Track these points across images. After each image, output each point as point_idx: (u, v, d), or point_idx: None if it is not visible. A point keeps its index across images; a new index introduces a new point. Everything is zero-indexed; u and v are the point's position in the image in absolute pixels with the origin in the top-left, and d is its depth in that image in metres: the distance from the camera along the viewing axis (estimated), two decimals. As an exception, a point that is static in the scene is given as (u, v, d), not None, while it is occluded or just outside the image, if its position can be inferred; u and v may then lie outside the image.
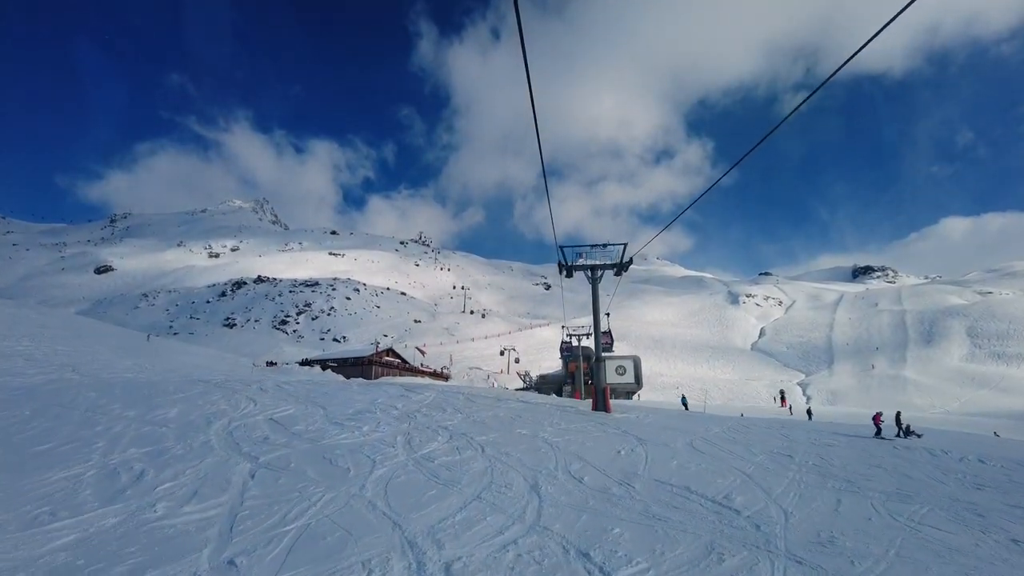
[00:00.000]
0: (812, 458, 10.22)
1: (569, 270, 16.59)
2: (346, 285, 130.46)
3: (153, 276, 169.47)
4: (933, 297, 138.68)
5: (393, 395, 14.83)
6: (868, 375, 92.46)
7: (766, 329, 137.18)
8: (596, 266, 16.27)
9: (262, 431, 9.15)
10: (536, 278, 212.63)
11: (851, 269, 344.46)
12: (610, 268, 16.38)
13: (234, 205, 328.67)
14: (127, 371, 21.86)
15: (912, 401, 78.54)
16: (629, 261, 15.90)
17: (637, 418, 13.60)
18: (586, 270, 16.57)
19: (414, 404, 13.34)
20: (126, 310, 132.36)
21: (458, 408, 13.08)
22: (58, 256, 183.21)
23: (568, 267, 16.58)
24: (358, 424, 10.22)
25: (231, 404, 11.63)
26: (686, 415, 16.54)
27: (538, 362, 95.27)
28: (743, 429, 12.85)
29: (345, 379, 38.98)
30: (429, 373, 46.40)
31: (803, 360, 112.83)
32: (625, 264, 16.03)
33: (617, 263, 16.18)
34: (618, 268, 16.19)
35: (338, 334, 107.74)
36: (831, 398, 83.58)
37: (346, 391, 15.24)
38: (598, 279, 16.48)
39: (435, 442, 8.94)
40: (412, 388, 17.08)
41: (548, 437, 9.95)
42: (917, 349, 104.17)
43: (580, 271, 16.70)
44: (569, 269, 16.55)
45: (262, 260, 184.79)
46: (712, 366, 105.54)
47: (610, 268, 16.38)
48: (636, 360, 61.44)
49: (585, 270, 16.65)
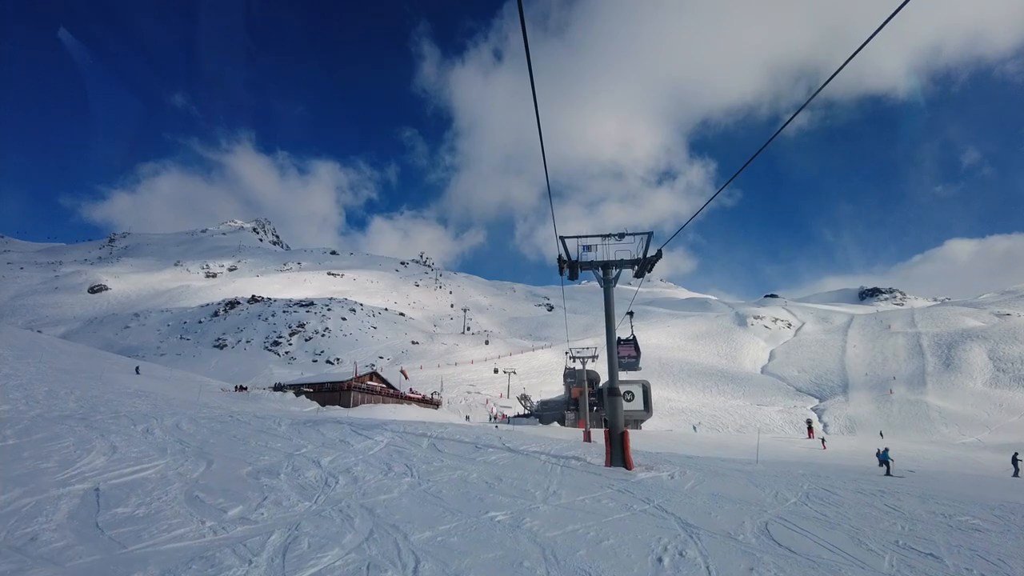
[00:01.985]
0: (970, 559, 6.25)
1: (573, 268, 12.47)
2: (342, 305, 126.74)
3: (147, 296, 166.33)
4: (949, 319, 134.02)
5: (331, 439, 10.95)
6: (887, 401, 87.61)
7: (776, 352, 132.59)
8: (611, 264, 12.32)
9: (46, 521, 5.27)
10: (538, 299, 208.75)
11: (858, 291, 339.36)
12: (628, 266, 12.30)
13: (235, 225, 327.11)
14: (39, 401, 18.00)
15: (938, 429, 73.67)
16: (655, 256, 11.80)
17: (671, 477, 9.62)
18: (596, 268, 12.50)
19: (350, 457, 9.44)
20: (116, 330, 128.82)
21: (412, 464, 9.17)
22: (52, 275, 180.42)
23: (571, 264, 12.45)
24: (229, 502, 6.31)
25: (78, 451, 7.81)
26: (736, 469, 12.36)
27: (539, 386, 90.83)
28: (826, 495, 8.84)
29: (320, 406, 35.15)
30: (417, 400, 42.38)
31: (816, 384, 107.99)
32: (650, 260, 11.93)
33: (639, 259, 12.14)
34: (640, 266, 12.09)
35: (331, 356, 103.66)
36: (849, 425, 78.78)
37: (268, 433, 11.30)
38: (612, 280, 12.32)
39: (332, 549, 5.00)
40: (365, 428, 13.14)
41: (539, 529, 5.98)
42: (937, 373, 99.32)
43: (588, 269, 12.58)
44: (572, 267, 12.46)
45: (259, 280, 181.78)
46: (721, 390, 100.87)
47: (628, 266, 12.30)
48: (645, 385, 56.84)
49: (595, 268, 12.51)
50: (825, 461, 21.72)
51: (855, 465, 20.92)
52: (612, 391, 11.58)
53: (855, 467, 18.75)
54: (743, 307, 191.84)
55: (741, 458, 14.80)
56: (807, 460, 22.28)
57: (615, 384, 11.75)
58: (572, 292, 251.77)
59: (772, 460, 18.49)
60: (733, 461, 12.89)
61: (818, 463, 18.76)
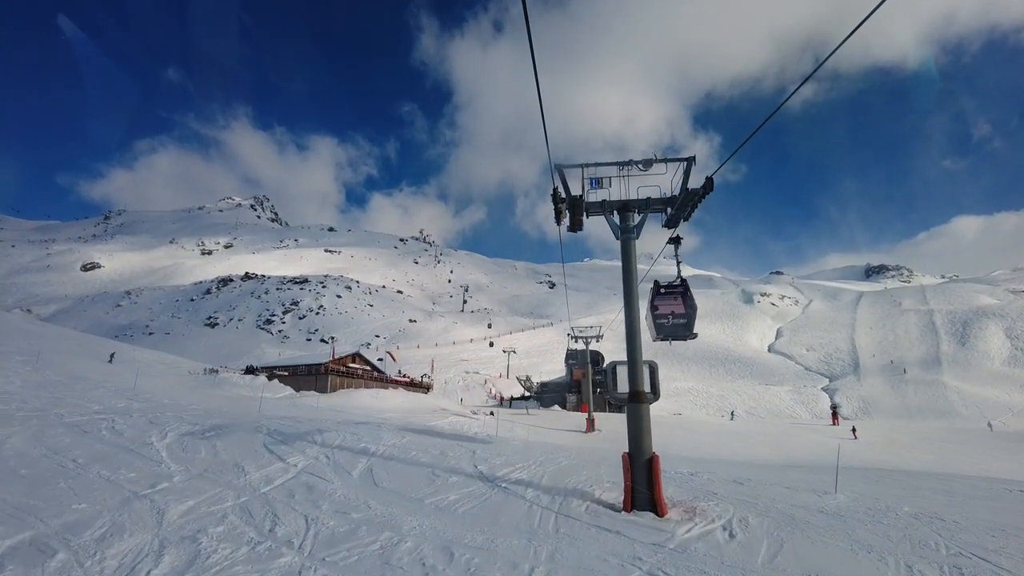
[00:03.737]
0: None
1: (575, 211, 8.59)
2: (337, 283, 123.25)
3: (141, 274, 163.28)
4: (961, 296, 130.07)
5: (223, 462, 7.48)
6: (902, 381, 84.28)
7: (783, 330, 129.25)
8: (632, 204, 8.35)
9: None
10: (540, 276, 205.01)
11: (864, 268, 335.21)
12: (658, 207, 8.41)
13: (232, 203, 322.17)
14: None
15: (957, 411, 70.49)
16: (702, 189, 7.69)
17: (728, 534, 6.09)
18: (610, 211, 8.51)
19: (227, 501, 5.99)
20: (107, 309, 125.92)
21: (315, 518, 5.74)
22: (44, 253, 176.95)
23: (572, 203, 8.45)
24: None
25: None
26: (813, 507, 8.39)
27: (540, 365, 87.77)
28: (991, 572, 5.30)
29: (295, 392, 31.88)
30: (404, 383, 39.05)
31: (825, 364, 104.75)
32: (694, 196, 7.87)
33: (675, 197, 8.15)
34: (676, 206, 8.16)
35: (326, 334, 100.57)
36: (864, 407, 75.57)
37: (133, 452, 7.73)
38: (634, 229, 8.30)
39: None
40: (293, 437, 9.65)
41: None
42: (952, 352, 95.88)
43: (598, 214, 8.63)
44: (575, 209, 8.55)
45: (255, 257, 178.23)
46: (728, 369, 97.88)
47: (658, 207, 8.41)
48: (652, 366, 53.33)
49: (608, 211, 8.49)
50: (886, 464, 18.20)
51: (925, 469, 17.45)
52: (634, 395, 7.72)
53: (937, 473, 15.24)
54: (749, 284, 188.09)
55: (802, 480, 11.20)
56: (856, 460, 18.83)
57: (639, 383, 7.76)
58: (573, 269, 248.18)
59: (821, 464, 15.03)
60: (797, 488, 9.31)
61: (884, 469, 15.30)
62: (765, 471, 11.99)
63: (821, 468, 13.71)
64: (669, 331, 8.82)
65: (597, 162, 8.54)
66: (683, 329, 8.98)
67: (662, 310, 8.79)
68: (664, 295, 8.86)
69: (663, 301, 8.83)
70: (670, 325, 8.81)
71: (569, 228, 8.88)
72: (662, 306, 8.81)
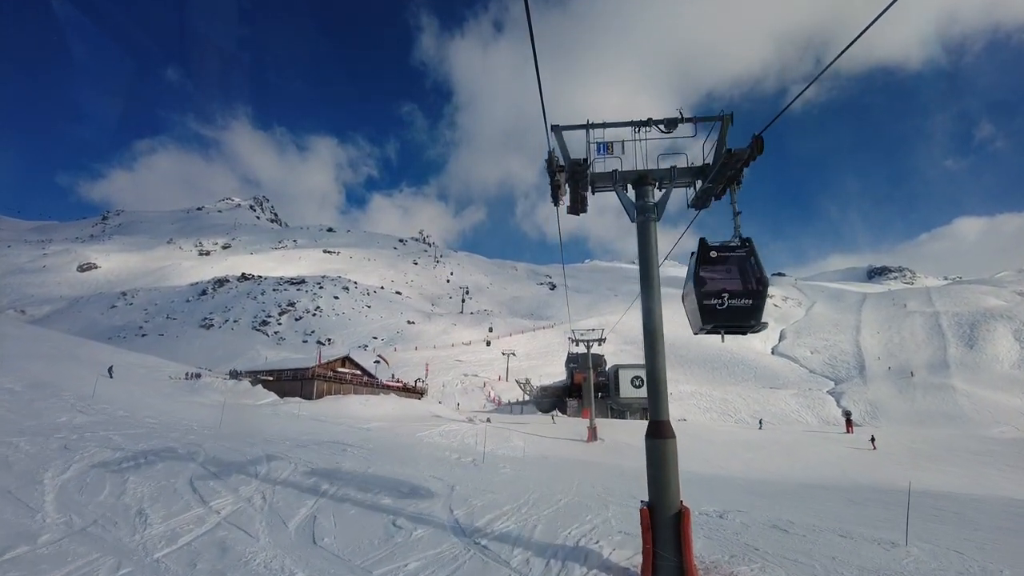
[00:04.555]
0: None
1: (576, 186, 6.67)
2: (335, 283, 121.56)
3: (137, 275, 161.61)
4: (967, 298, 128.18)
5: (113, 509, 5.68)
6: (909, 385, 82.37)
7: (786, 332, 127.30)
8: (650, 175, 6.45)
9: None
10: (540, 278, 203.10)
11: (866, 270, 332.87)
12: (685, 180, 6.54)
13: (232, 203, 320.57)
14: None
15: (967, 415, 68.61)
16: (748, 153, 5.68)
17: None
18: (621, 185, 6.58)
19: None
20: (102, 310, 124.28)
21: None
22: (40, 253, 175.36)
23: (572, 172, 6.51)
24: None
25: None
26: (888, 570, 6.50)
27: (540, 368, 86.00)
28: None
29: (279, 397, 30.12)
30: (397, 388, 37.30)
31: (830, 366, 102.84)
32: (738, 161, 5.85)
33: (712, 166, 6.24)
34: (709, 176, 6.25)
35: (323, 336, 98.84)
36: (871, 411, 73.67)
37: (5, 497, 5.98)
38: (654, 208, 6.37)
39: None
40: (233, 468, 7.89)
41: None
42: (960, 355, 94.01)
43: (606, 188, 6.70)
44: (576, 181, 6.62)
45: (253, 258, 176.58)
46: (731, 372, 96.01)
47: (685, 180, 6.54)
48: (655, 370, 51.91)
49: (619, 185, 6.56)
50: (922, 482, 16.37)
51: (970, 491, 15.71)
52: (656, 426, 5.76)
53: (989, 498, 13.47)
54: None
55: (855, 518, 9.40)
56: (884, 477, 17.06)
57: (661, 410, 5.89)
58: (574, 271, 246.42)
59: (853, 482, 13.26)
60: (855, 536, 7.53)
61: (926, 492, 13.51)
62: (801, 504, 10.21)
63: (859, 490, 11.96)
64: (723, 318, 6.02)
65: (606, 122, 6.59)
66: (745, 316, 6.01)
67: (712, 285, 6.03)
68: (715, 262, 6.09)
69: (713, 271, 6.08)
70: (725, 309, 5.94)
71: (570, 209, 6.82)
72: (712, 279, 6.04)
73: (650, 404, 5.93)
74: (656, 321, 6.07)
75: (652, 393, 5.94)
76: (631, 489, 9.76)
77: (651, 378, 6.02)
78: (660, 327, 6.06)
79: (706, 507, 8.70)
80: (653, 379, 6.02)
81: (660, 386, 6.00)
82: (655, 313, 6.07)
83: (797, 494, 12.04)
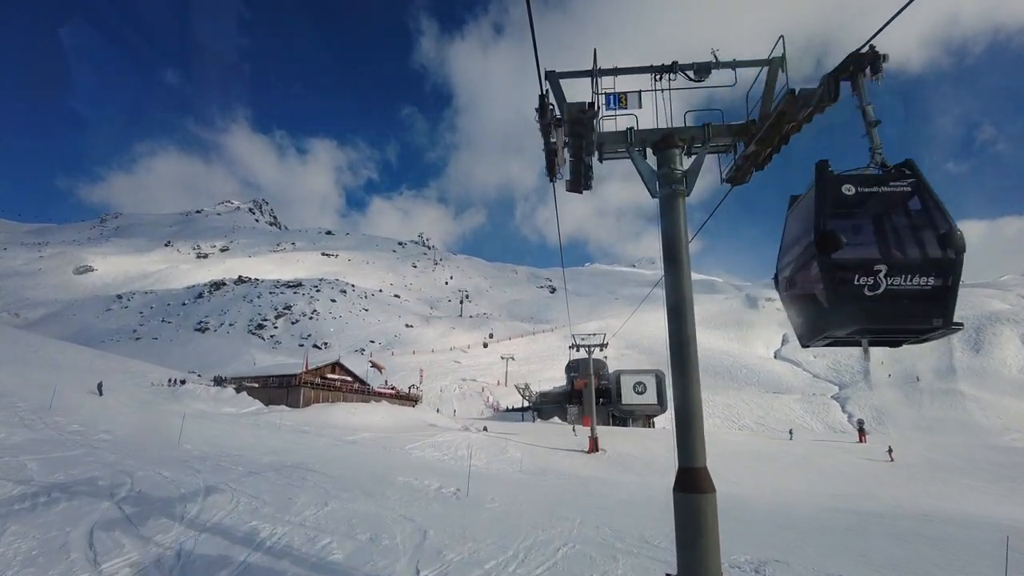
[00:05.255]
0: None
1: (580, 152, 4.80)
2: (332, 286, 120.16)
3: (134, 278, 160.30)
4: (972, 301, 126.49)
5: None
6: (915, 390, 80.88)
7: (789, 336, 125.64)
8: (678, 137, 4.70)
9: None
10: (540, 281, 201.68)
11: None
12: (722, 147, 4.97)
13: (231, 206, 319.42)
14: None
15: (975, 420, 67.12)
16: (820, 100, 3.82)
17: None
18: (637, 149, 4.81)
19: None
20: (97, 313, 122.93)
21: None
22: (37, 256, 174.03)
23: (574, 128, 4.61)
24: None
25: None
26: None
27: (540, 372, 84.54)
28: None
29: (264, 405, 28.62)
30: (390, 395, 35.80)
31: (834, 371, 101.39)
32: (806, 101, 3.94)
33: (763, 120, 4.48)
34: (763, 135, 4.38)
35: (319, 340, 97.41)
36: (878, 417, 72.15)
37: None
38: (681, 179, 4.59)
39: None
40: (149, 506, 6.39)
41: None
42: (966, 359, 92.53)
43: (618, 155, 5.00)
44: (579, 145, 4.74)
45: (251, 261, 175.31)
46: (734, 377, 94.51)
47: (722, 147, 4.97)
48: (659, 375, 50.04)
49: (634, 149, 4.78)
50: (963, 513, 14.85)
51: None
52: (688, 476, 4.25)
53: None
54: (753, 289, 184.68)
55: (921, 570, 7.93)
56: (911, 498, 15.57)
57: (696, 456, 4.30)
58: (574, 274, 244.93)
59: (882, 506, 11.78)
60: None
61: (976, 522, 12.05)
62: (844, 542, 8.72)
63: (897, 518, 10.50)
64: (881, 316, 3.62)
65: (617, 67, 5.00)
66: (926, 307, 3.68)
67: (855, 252, 3.60)
68: (854, 206, 3.68)
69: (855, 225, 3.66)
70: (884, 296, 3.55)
71: (571, 184, 5.16)
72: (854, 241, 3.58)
73: (679, 444, 4.44)
74: (688, 330, 4.61)
75: (682, 428, 4.43)
76: (643, 530, 8.32)
77: (682, 411, 4.44)
78: (693, 339, 4.62)
79: (736, 555, 7.24)
80: (685, 412, 4.42)
81: (694, 421, 4.44)
82: (687, 319, 4.61)
83: (831, 526, 10.58)
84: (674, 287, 4.84)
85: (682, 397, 4.56)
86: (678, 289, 4.84)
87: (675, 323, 4.66)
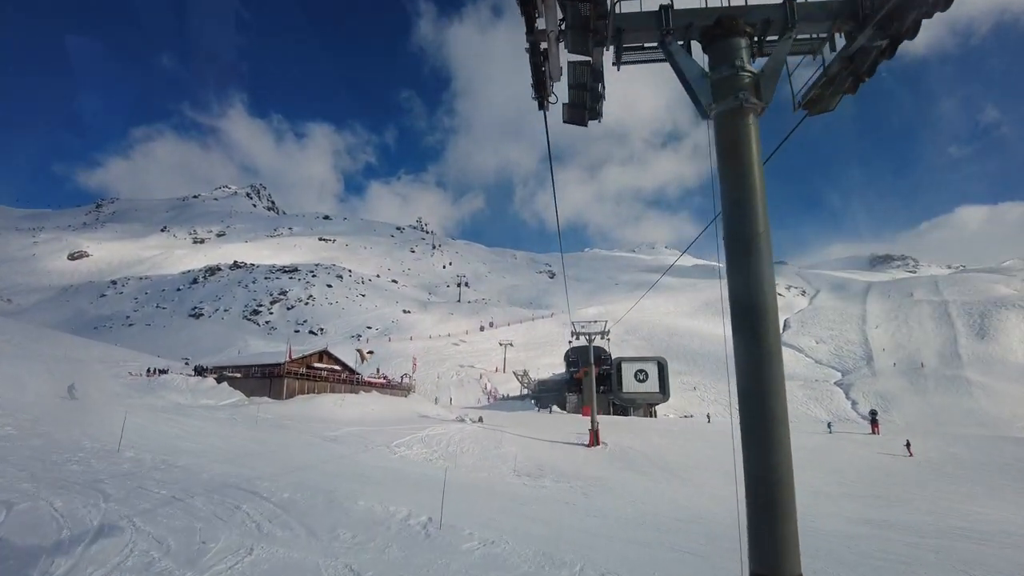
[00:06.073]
0: None
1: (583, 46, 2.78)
2: (329, 272, 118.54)
3: (129, 263, 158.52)
4: (976, 287, 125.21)
5: None
6: (920, 376, 79.69)
7: (791, 321, 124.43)
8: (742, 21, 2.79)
9: None
10: (540, 266, 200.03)
11: (868, 258, 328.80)
12: (805, 46, 3.01)
13: (228, 191, 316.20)
14: None
15: (984, 408, 65.97)
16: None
17: None
18: (680, 44, 2.88)
19: None
20: (91, 299, 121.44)
21: None
22: (31, 242, 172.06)
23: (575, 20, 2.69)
24: None
25: None
26: None
27: (539, 359, 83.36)
28: None
29: (245, 397, 27.15)
30: (380, 385, 34.37)
31: (836, 357, 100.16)
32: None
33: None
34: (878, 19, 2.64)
35: (315, 326, 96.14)
36: (882, 404, 70.97)
37: None
38: (748, 87, 2.75)
39: None
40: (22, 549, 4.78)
41: None
42: (971, 345, 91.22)
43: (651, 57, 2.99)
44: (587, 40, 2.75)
45: (247, 246, 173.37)
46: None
47: (805, 46, 3.01)
48: (661, 363, 48.63)
49: (674, 44, 2.81)
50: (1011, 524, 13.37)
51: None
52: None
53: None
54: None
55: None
56: (944, 506, 14.12)
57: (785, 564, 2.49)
58: (573, 260, 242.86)
59: (939, 530, 10.33)
60: None
61: None
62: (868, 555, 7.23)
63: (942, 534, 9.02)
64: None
65: None
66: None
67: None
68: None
69: None
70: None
71: (569, 113, 3.46)
72: None
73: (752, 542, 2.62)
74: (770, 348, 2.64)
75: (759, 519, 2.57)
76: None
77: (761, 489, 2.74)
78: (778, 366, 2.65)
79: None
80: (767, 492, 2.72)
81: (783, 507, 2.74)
82: (768, 330, 2.82)
83: (870, 551, 9.11)
84: (748, 276, 2.91)
85: (761, 466, 2.81)
86: (755, 279, 2.89)
87: (746, 336, 2.89)
